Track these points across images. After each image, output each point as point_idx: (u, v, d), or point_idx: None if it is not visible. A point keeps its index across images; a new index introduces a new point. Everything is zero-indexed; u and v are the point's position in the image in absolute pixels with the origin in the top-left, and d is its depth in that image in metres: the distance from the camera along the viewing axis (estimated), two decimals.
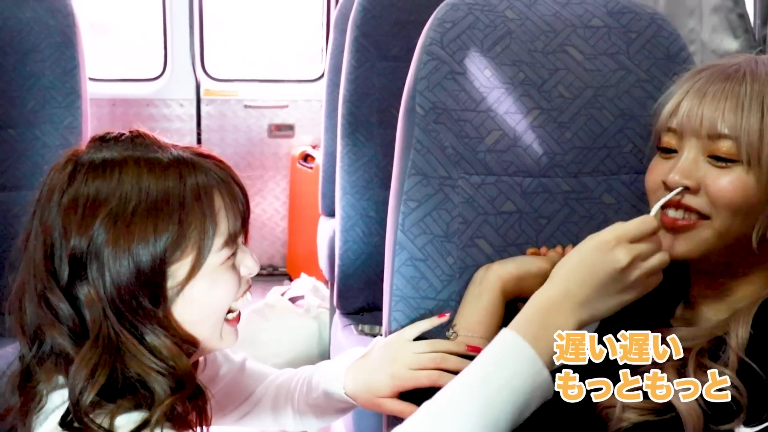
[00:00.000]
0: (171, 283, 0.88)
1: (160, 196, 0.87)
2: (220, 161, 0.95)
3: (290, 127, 3.88)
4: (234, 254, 0.93)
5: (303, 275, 3.22)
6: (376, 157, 2.13)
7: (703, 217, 0.94)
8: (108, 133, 0.92)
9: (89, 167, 0.88)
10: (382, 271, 1.22)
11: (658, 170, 0.99)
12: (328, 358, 2.57)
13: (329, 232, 2.46)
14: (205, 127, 3.82)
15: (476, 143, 1.17)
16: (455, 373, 0.95)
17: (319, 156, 3.10)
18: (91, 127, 2.14)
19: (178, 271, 0.88)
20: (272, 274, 3.96)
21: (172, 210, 0.87)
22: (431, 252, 1.14)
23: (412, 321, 1.14)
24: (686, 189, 0.94)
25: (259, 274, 0.99)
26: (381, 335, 1.19)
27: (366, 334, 2.05)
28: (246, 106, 3.84)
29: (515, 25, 1.21)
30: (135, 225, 0.85)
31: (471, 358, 0.97)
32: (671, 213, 0.96)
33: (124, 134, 0.92)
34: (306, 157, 3.70)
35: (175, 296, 0.89)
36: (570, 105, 1.20)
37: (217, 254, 0.90)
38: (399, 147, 1.21)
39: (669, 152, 0.98)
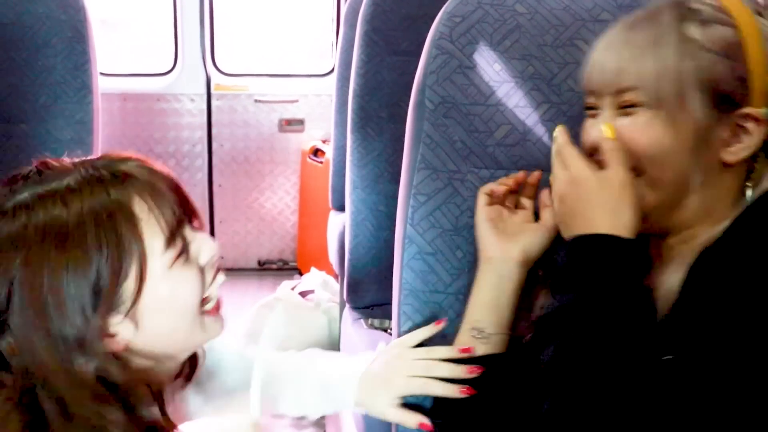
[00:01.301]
0: (124, 305, 0.86)
1: (71, 225, 0.83)
2: (140, 160, 0.91)
3: (300, 122, 3.88)
4: (185, 250, 0.90)
5: (313, 269, 3.23)
6: (386, 152, 2.14)
7: (637, 174, 0.93)
8: (16, 175, 0.89)
9: (1, 216, 0.85)
10: (392, 266, 1.22)
11: (588, 131, 0.99)
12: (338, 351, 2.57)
13: (339, 227, 2.47)
14: (216, 121, 3.84)
15: (485, 137, 1.17)
16: (448, 380, 0.98)
17: (329, 150, 3.11)
18: (102, 122, 2.15)
19: (126, 290, 0.86)
20: (282, 268, 3.97)
21: (90, 236, 0.83)
22: (440, 246, 1.15)
23: (422, 315, 1.14)
24: None
25: (268, 269, 0.99)
26: (390, 329, 1.19)
27: (376, 329, 2.05)
28: (256, 101, 3.85)
29: (525, 20, 1.21)
30: (53, 261, 0.82)
31: (465, 361, 0.98)
32: None
33: (32, 171, 0.88)
34: (316, 152, 3.71)
35: (135, 314, 0.87)
36: (580, 99, 1.19)
37: (161, 257, 0.87)
38: (408, 141, 1.21)
39: (593, 110, 0.99)
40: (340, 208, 2.54)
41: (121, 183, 0.87)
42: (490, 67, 1.18)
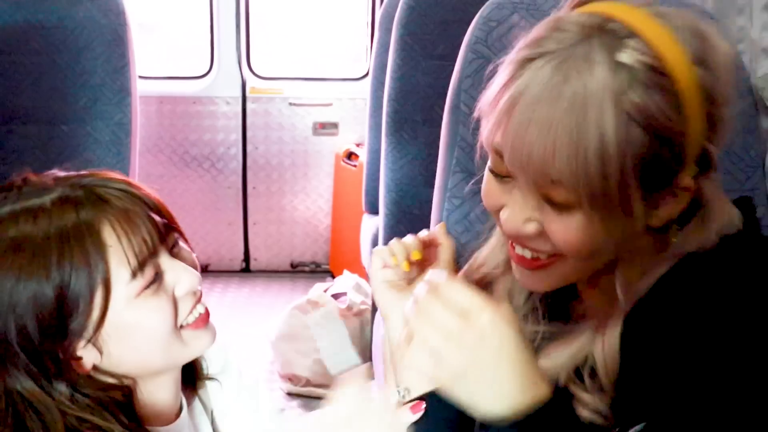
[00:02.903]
0: (87, 330, 0.85)
1: (38, 242, 0.83)
2: (124, 181, 0.90)
3: (334, 125, 3.89)
4: (156, 280, 0.88)
5: (346, 272, 3.24)
6: (421, 155, 2.14)
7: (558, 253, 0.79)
8: (0, 188, 0.90)
9: None
10: None
11: (494, 193, 0.82)
12: (370, 355, 2.58)
13: (372, 230, 2.48)
14: (251, 124, 3.86)
15: None
16: None
17: (362, 154, 3.11)
18: (139, 123, 2.18)
19: (88, 316, 0.85)
20: (315, 270, 3.99)
21: (54, 254, 0.83)
22: (475, 249, 1.14)
23: None
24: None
25: (301, 271, 0.95)
26: None
27: None
28: (291, 104, 3.87)
29: None
30: (13, 274, 0.83)
31: None
32: (519, 251, 0.82)
33: (15, 184, 0.89)
34: (350, 155, 3.72)
35: (98, 340, 0.86)
36: None
37: (127, 286, 0.86)
38: (443, 145, 1.21)
39: (504, 177, 0.80)
40: (374, 211, 2.55)
41: (94, 206, 0.86)
42: None
